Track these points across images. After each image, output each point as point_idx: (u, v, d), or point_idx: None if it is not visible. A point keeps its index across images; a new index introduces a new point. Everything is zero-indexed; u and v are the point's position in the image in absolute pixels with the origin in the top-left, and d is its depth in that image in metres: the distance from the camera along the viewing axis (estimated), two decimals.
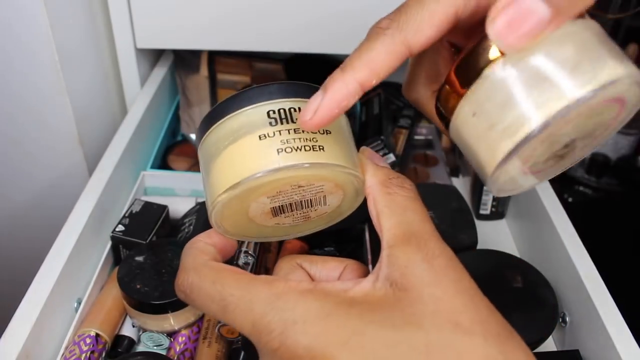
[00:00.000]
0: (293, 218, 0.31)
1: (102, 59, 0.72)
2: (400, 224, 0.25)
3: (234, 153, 0.28)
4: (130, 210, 0.54)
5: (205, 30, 0.67)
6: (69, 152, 0.68)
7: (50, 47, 0.60)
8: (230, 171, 0.28)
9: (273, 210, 0.30)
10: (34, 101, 0.64)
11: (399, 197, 0.26)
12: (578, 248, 0.50)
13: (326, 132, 0.28)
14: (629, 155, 0.88)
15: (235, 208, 0.29)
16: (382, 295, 0.24)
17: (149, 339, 0.49)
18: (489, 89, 0.25)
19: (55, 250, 0.47)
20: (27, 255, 0.61)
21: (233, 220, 0.30)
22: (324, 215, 0.32)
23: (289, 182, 0.28)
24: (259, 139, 0.27)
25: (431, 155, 0.72)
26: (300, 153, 0.27)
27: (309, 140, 0.27)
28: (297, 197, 0.29)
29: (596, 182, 0.87)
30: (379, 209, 0.26)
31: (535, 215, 0.57)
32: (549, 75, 0.23)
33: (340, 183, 0.29)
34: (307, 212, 0.31)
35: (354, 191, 0.30)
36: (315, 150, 0.27)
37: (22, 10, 0.58)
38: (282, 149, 0.27)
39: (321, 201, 0.30)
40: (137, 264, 0.47)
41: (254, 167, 0.27)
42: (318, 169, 0.27)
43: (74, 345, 0.44)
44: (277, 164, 0.27)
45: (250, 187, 0.27)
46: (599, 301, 0.44)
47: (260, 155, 0.27)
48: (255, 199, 0.28)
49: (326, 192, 0.29)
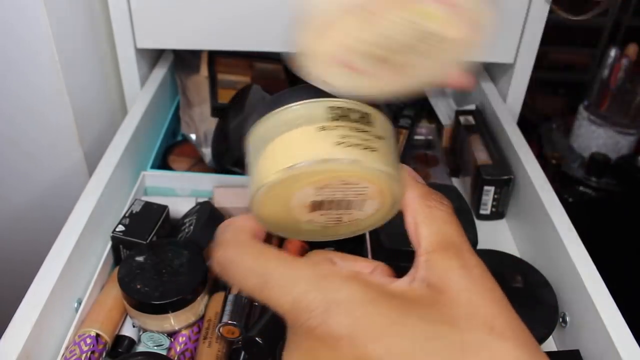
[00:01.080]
0: (327, 218, 0.31)
1: (102, 58, 0.72)
2: (439, 234, 0.26)
3: (291, 139, 0.29)
4: (130, 210, 0.54)
5: (205, 30, 0.67)
6: (69, 152, 0.68)
7: (50, 47, 0.60)
8: (284, 155, 0.28)
9: (313, 204, 0.30)
10: (34, 101, 0.64)
11: (438, 211, 0.27)
12: (578, 248, 0.50)
13: (379, 137, 0.29)
14: (629, 155, 0.88)
15: (279, 193, 0.29)
16: (419, 294, 0.25)
17: (149, 339, 0.49)
18: None
19: (55, 250, 0.47)
20: (27, 255, 0.61)
21: (272, 207, 0.30)
22: (354, 222, 0.32)
23: (339, 175, 0.28)
24: (318, 130, 0.28)
25: (431, 155, 0.72)
26: (357, 150, 0.28)
27: (365, 140, 0.28)
28: (339, 195, 0.30)
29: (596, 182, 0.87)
30: (419, 219, 0.27)
31: (535, 215, 0.57)
32: None
33: (382, 189, 0.30)
34: (342, 214, 0.31)
35: (391, 202, 0.31)
36: (370, 151, 0.28)
37: (22, 11, 0.58)
38: (339, 142, 0.28)
39: (359, 205, 0.31)
40: (137, 264, 0.47)
41: (309, 154, 0.28)
42: (370, 169, 0.28)
43: (75, 346, 0.44)
44: (333, 155, 0.28)
45: (302, 173, 0.28)
46: (599, 301, 0.44)
47: (318, 144, 0.28)
48: (301, 187, 0.29)
49: (367, 197, 0.30)
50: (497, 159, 0.64)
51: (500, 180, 0.62)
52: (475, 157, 0.65)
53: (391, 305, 0.24)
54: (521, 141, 0.64)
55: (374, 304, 0.24)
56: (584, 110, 0.90)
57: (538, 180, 0.58)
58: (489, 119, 0.73)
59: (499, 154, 0.65)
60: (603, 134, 0.88)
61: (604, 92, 0.88)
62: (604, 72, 0.89)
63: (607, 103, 0.88)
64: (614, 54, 0.87)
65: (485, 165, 0.63)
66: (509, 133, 0.66)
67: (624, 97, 0.87)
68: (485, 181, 0.62)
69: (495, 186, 0.62)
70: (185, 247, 0.49)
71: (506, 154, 0.65)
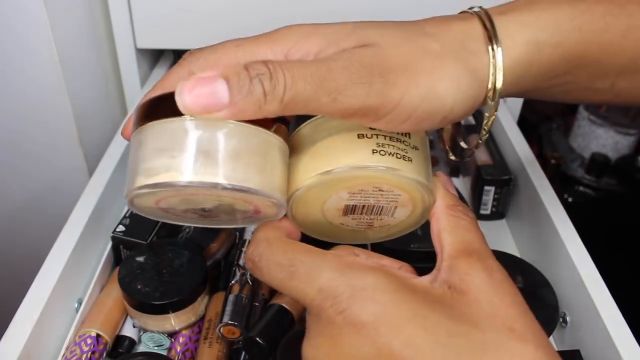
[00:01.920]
0: (358, 222, 0.33)
1: (102, 59, 0.72)
2: (463, 242, 0.27)
3: (330, 145, 0.30)
4: (130, 211, 0.54)
5: (205, 30, 0.67)
6: (69, 152, 0.68)
7: (50, 47, 0.60)
8: (323, 160, 0.29)
9: (346, 208, 0.31)
10: (34, 101, 0.64)
11: (462, 220, 0.28)
12: (578, 248, 0.50)
13: (415, 148, 0.31)
14: (629, 155, 0.88)
15: (315, 196, 0.31)
16: (441, 293, 0.25)
17: (150, 339, 0.49)
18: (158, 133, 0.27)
19: (55, 250, 0.47)
20: (27, 255, 0.61)
21: (307, 209, 0.32)
22: (384, 227, 0.33)
23: (374, 182, 0.30)
24: (357, 137, 0.29)
25: (431, 155, 0.72)
26: (392, 158, 0.29)
27: (401, 150, 0.30)
28: (372, 201, 0.31)
29: (596, 182, 0.87)
30: (442, 226, 0.28)
31: (535, 215, 0.57)
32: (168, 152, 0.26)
33: (414, 198, 0.31)
34: (373, 219, 0.32)
35: (421, 210, 0.32)
36: (405, 160, 0.29)
37: (22, 11, 0.58)
38: (377, 150, 0.29)
39: (390, 212, 0.32)
40: (137, 264, 0.47)
41: (347, 160, 0.29)
42: (404, 178, 0.29)
43: (75, 346, 0.44)
44: (371, 162, 0.29)
45: (339, 178, 0.29)
46: (599, 301, 0.44)
47: (357, 151, 0.29)
48: (337, 191, 0.30)
49: (399, 204, 0.31)
50: (497, 159, 0.64)
51: (500, 180, 0.62)
52: (475, 157, 0.65)
53: (415, 298, 0.24)
54: (521, 141, 0.64)
55: (398, 294, 0.24)
56: (584, 110, 0.90)
57: (538, 180, 0.58)
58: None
59: (499, 154, 0.65)
60: (603, 134, 0.88)
61: None
62: None
63: None
64: None
65: (485, 165, 0.64)
66: (509, 133, 0.66)
67: None
68: (485, 181, 0.62)
69: (495, 186, 0.62)
70: (186, 247, 0.49)
71: (506, 154, 0.65)
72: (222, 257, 0.54)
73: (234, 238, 0.56)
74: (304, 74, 0.25)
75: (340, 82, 0.25)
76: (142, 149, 0.27)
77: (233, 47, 0.29)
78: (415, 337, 0.23)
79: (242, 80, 0.24)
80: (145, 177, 0.27)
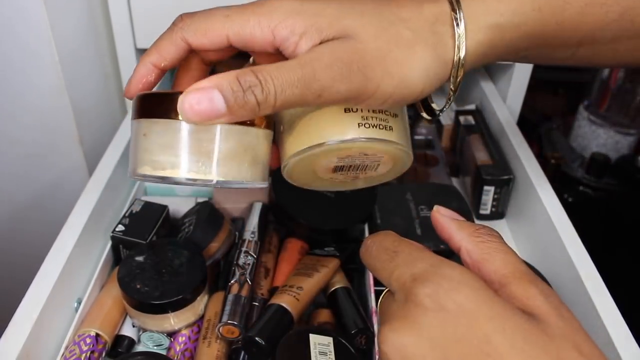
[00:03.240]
0: (345, 177, 0.37)
1: (102, 59, 0.72)
2: (506, 266, 0.27)
3: (320, 119, 0.33)
4: (130, 210, 0.54)
5: None
6: (69, 152, 0.68)
7: (50, 47, 0.61)
8: (314, 132, 0.33)
9: (335, 167, 0.36)
10: (34, 101, 0.64)
11: (493, 244, 0.28)
12: (578, 248, 0.50)
13: (394, 115, 0.34)
14: (629, 155, 0.88)
15: (308, 162, 0.35)
16: None
17: (149, 338, 0.49)
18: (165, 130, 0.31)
19: (55, 250, 0.47)
20: (27, 254, 0.61)
21: (300, 171, 0.36)
22: (368, 178, 0.38)
23: (360, 150, 0.34)
24: (344, 111, 0.33)
25: (431, 155, 0.72)
26: (376, 130, 0.33)
27: (383, 120, 0.34)
28: (358, 162, 0.35)
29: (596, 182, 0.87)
30: (476, 257, 0.28)
31: (535, 215, 0.57)
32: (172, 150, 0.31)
33: (394, 157, 0.35)
34: (359, 174, 0.37)
35: (402, 165, 0.37)
36: (387, 130, 0.34)
37: (22, 11, 0.58)
38: (362, 123, 0.33)
39: (374, 167, 0.36)
40: (137, 264, 0.47)
41: (337, 134, 0.33)
42: (386, 145, 0.34)
43: (74, 345, 0.44)
44: (358, 135, 0.33)
45: (329, 149, 0.33)
46: (599, 301, 0.44)
47: (344, 125, 0.33)
48: (327, 157, 0.34)
49: (381, 162, 0.36)
50: (497, 159, 0.64)
51: (500, 180, 0.62)
52: (475, 157, 0.65)
53: (497, 302, 0.25)
54: (521, 141, 0.64)
55: (482, 292, 0.25)
56: (584, 110, 0.90)
57: (538, 180, 0.58)
58: (489, 119, 0.73)
59: (499, 154, 0.65)
60: (603, 134, 0.88)
61: (604, 92, 0.88)
62: (604, 72, 0.89)
63: (607, 103, 0.88)
64: None
65: (485, 165, 0.63)
66: (509, 133, 0.66)
67: (624, 97, 0.87)
68: (485, 181, 0.62)
69: (495, 186, 0.62)
70: (185, 247, 0.49)
71: (506, 154, 0.65)
72: (222, 257, 0.54)
73: (233, 238, 0.56)
74: (291, 80, 0.29)
75: (324, 82, 0.29)
76: (148, 140, 0.31)
77: (222, 17, 0.32)
78: (493, 336, 0.23)
79: (235, 92, 0.28)
80: (152, 169, 0.31)
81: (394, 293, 0.27)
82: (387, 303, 0.28)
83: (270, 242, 0.55)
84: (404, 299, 0.26)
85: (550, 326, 0.24)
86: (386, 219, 0.58)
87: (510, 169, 0.63)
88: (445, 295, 0.24)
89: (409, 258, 0.27)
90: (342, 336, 0.45)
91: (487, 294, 0.25)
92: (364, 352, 0.47)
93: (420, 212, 0.59)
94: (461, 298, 0.24)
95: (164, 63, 0.34)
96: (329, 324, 0.49)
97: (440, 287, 0.25)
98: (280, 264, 0.53)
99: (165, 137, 0.31)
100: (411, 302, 0.25)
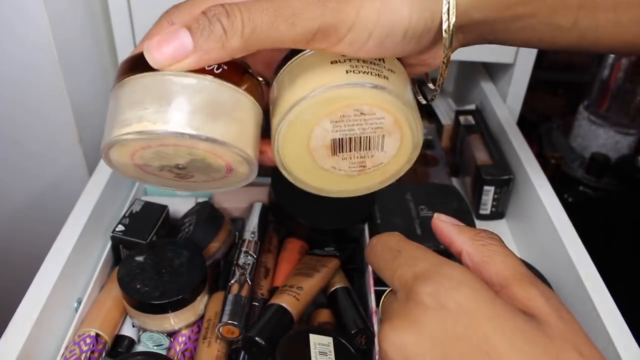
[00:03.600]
0: (350, 163, 0.33)
1: (102, 58, 0.72)
2: (507, 268, 0.27)
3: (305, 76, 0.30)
4: (130, 210, 0.54)
5: None
6: (69, 152, 0.68)
7: (50, 47, 0.61)
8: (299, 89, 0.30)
9: (333, 143, 0.31)
10: (34, 101, 0.64)
11: (493, 246, 0.28)
12: (578, 248, 0.50)
13: (390, 70, 0.31)
14: (629, 155, 0.88)
15: (298, 131, 0.31)
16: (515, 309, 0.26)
17: (149, 338, 0.49)
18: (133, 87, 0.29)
19: (55, 250, 0.47)
20: (27, 254, 0.61)
21: (294, 150, 0.32)
22: (379, 167, 0.33)
23: (353, 103, 0.30)
24: (330, 63, 0.30)
25: (431, 155, 0.72)
26: (367, 76, 0.29)
27: (375, 70, 0.30)
28: (357, 130, 0.31)
29: (596, 182, 0.87)
30: (477, 260, 0.28)
31: (535, 215, 0.57)
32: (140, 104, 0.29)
33: (399, 121, 0.31)
34: (364, 157, 0.32)
35: (411, 140, 0.32)
36: (382, 78, 0.30)
37: (22, 11, 0.58)
38: (350, 70, 0.30)
39: (379, 144, 0.32)
40: (137, 264, 0.47)
41: (322, 82, 0.29)
42: (383, 94, 0.30)
43: (74, 345, 0.44)
44: (346, 80, 0.29)
45: (318, 101, 0.29)
46: (599, 301, 0.44)
47: (330, 74, 0.30)
48: (319, 121, 0.30)
49: (385, 131, 0.31)
50: (497, 159, 0.64)
51: (500, 180, 0.62)
52: (475, 157, 0.65)
53: (498, 303, 0.25)
54: (521, 141, 0.64)
55: (481, 292, 0.25)
56: (584, 110, 0.90)
57: (538, 180, 0.58)
58: (489, 119, 0.73)
59: (499, 154, 0.65)
60: (603, 134, 0.88)
61: (604, 92, 0.88)
62: (604, 72, 0.88)
63: (607, 103, 0.88)
64: None
65: (485, 165, 0.63)
66: (509, 133, 0.66)
67: (624, 97, 0.87)
68: (485, 181, 0.62)
69: (495, 186, 0.62)
70: (185, 247, 0.49)
71: (506, 154, 0.65)
72: (222, 257, 0.54)
73: (233, 238, 0.56)
74: (259, 6, 0.27)
75: (295, 6, 0.27)
76: (118, 102, 0.30)
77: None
78: (492, 335, 0.23)
79: (201, 23, 0.26)
80: (118, 128, 0.29)
81: (396, 292, 0.27)
82: (388, 302, 0.28)
83: (270, 242, 0.55)
84: (405, 298, 0.26)
85: (551, 327, 0.24)
86: (386, 219, 0.58)
87: (510, 169, 0.63)
88: (446, 294, 0.25)
89: (411, 257, 0.27)
90: (342, 336, 0.45)
91: (488, 294, 0.25)
92: (364, 352, 0.47)
93: (420, 212, 0.59)
94: (462, 297, 0.24)
95: None
96: (329, 324, 0.49)
97: (441, 286, 0.25)
98: (280, 264, 0.53)
99: (134, 93, 0.29)
100: (412, 300, 0.25)
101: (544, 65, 1.00)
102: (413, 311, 0.25)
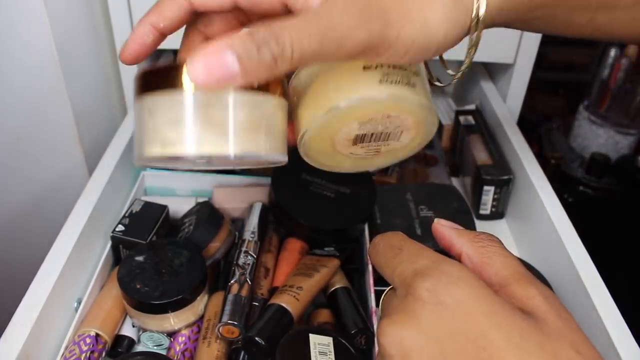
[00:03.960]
0: (366, 150, 0.35)
1: (102, 59, 0.72)
2: (506, 268, 0.27)
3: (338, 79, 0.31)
4: (130, 210, 0.54)
5: None
6: (69, 152, 0.68)
7: (50, 47, 0.61)
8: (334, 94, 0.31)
9: (356, 137, 0.33)
10: (34, 101, 0.64)
11: (493, 248, 0.28)
12: (578, 248, 0.50)
13: (415, 74, 0.33)
14: (629, 155, 0.88)
15: (328, 129, 0.32)
16: None
17: (149, 338, 0.49)
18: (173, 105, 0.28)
19: (55, 250, 0.47)
20: (27, 255, 0.61)
21: (319, 144, 0.34)
22: (392, 152, 0.36)
23: (383, 110, 0.32)
24: (363, 69, 0.31)
25: (431, 155, 0.72)
26: (399, 86, 0.31)
27: (405, 77, 0.32)
28: (381, 128, 0.33)
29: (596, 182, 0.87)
30: (476, 261, 0.28)
31: (535, 215, 0.57)
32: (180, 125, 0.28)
33: (418, 120, 0.33)
34: (380, 145, 0.35)
35: (426, 130, 0.34)
36: (410, 86, 0.32)
37: (22, 11, 0.58)
38: (383, 80, 0.31)
39: (397, 136, 0.34)
40: (137, 264, 0.47)
41: (358, 92, 0.31)
42: (411, 102, 0.32)
43: (74, 345, 0.44)
44: (380, 92, 0.31)
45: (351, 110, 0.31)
46: (599, 301, 0.44)
47: (365, 83, 0.31)
48: (348, 123, 0.32)
49: (404, 128, 0.34)
50: (497, 159, 0.64)
51: (500, 180, 0.62)
52: (475, 157, 0.65)
53: (496, 300, 0.25)
54: (521, 141, 0.64)
55: (481, 290, 0.25)
56: (584, 110, 0.90)
57: (538, 180, 0.58)
58: (489, 119, 0.73)
59: (499, 154, 0.65)
60: (603, 134, 0.88)
61: (604, 92, 0.88)
62: (604, 72, 0.89)
63: (607, 103, 0.88)
64: (614, 54, 0.87)
65: (485, 165, 0.63)
66: (509, 133, 0.66)
67: (624, 97, 0.87)
68: (485, 181, 0.62)
69: (495, 186, 0.62)
70: (185, 247, 0.49)
71: (506, 154, 0.65)
72: (222, 257, 0.54)
73: (233, 238, 0.56)
74: (307, 30, 0.27)
75: (341, 31, 0.27)
76: (154, 118, 0.29)
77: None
78: (489, 331, 0.24)
79: (249, 49, 0.25)
80: (161, 148, 0.29)
81: (396, 289, 0.27)
82: (388, 299, 0.28)
83: (270, 242, 0.55)
84: (405, 294, 0.26)
85: (548, 325, 0.24)
86: (386, 219, 0.58)
87: (510, 169, 0.63)
88: (444, 290, 0.25)
89: (412, 255, 0.28)
90: (342, 336, 0.45)
91: (486, 291, 0.25)
92: (364, 352, 0.47)
93: (420, 212, 0.59)
94: (460, 293, 0.25)
95: (163, 23, 0.33)
96: (329, 324, 0.49)
97: (440, 281, 0.25)
98: (280, 264, 0.53)
99: (172, 112, 0.28)
100: (411, 295, 0.26)
101: (544, 65, 1.00)
102: (411, 306, 0.25)
